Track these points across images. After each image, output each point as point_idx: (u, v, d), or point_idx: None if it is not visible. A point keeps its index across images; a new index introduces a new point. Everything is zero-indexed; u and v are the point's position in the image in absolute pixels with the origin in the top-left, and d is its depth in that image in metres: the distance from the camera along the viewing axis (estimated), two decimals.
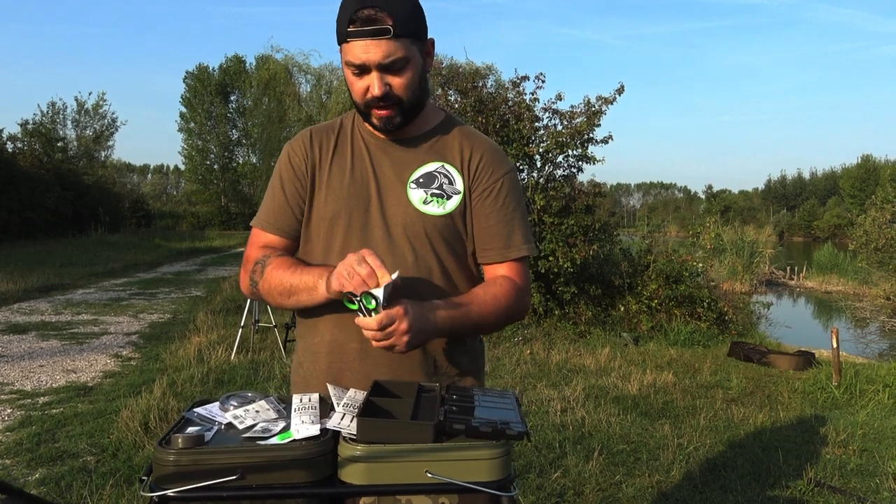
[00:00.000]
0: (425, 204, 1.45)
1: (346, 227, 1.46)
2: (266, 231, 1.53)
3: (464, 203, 1.48)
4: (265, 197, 1.56)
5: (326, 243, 1.48)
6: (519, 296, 1.50)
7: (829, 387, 6.20)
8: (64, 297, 11.13)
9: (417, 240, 1.44)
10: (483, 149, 1.52)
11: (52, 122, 32.98)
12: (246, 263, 1.52)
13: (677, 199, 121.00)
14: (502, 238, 1.50)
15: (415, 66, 1.38)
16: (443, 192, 1.47)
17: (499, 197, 1.50)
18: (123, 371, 6.07)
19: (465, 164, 1.50)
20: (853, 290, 21.68)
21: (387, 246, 1.43)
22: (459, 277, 1.50)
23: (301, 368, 1.54)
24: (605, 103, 9.12)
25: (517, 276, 1.51)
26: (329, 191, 1.48)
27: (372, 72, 1.35)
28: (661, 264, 10.18)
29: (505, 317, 1.48)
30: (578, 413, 5.04)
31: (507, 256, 1.50)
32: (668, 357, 8.00)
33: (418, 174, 1.48)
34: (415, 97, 1.41)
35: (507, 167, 1.53)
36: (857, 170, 76.39)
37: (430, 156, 1.50)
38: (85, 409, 4.82)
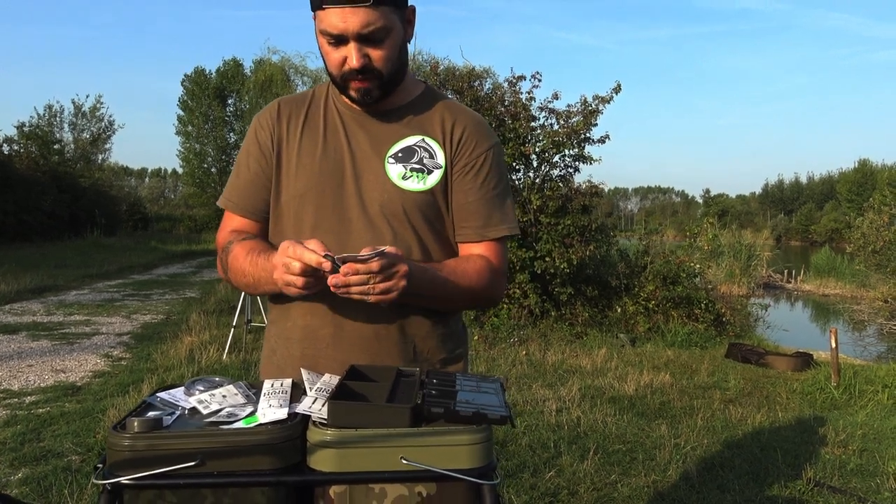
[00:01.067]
0: (404, 179, 1.36)
1: (318, 205, 1.37)
2: (232, 212, 1.45)
3: (445, 178, 1.39)
4: (231, 174, 1.47)
5: (297, 223, 1.38)
6: (493, 277, 1.41)
7: (828, 387, 6.12)
8: (57, 298, 11.03)
9: (395, 218, 1.35)
10: (466, 121, 1.43)
11: (49, 124, 32.90)
12: (218, 250, 1.45)
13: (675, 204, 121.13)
14: (481, 216, 1.41)
15: (395, 37, 1.29)
16: (423, 166, 1.38)
17: (480, 172, 1.41)
18: (113, 371, 5.99)
19: (448, 138, 1.40)
20: (851, 293, 21.66)
21: (363, 225, 1.35)
22: (441, 257, 1.41)
23: (274, 356, 1.45)
24: (602, 102, 9.07)
25: (493, 257, 1.42)
26: (299, 166, 1.39)
27: (349, 42, 1.26)
28: (659, 265, 10.11)
29: (474, 295, 1.40)
30: (574, 413, 4.96)
31: (485, 236, 1.42)
32: (666, 358, 7.92)
33: (397, 148, 1.38)
34: (394, 69, 1.33)
35: (490, 141, 1.44)
36: (854, 174, 76.54)
37: (409, 129, 1.41)
38: (72, 408, 4.73)
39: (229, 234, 1.43)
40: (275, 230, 1.43)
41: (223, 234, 1.45)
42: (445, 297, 1.36)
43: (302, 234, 1.36)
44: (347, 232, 1.35)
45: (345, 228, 1.35)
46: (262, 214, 1.43)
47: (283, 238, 1.37)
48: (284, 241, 1.19)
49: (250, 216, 1.44)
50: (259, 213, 1.43)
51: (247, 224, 1.44)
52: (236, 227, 1.44)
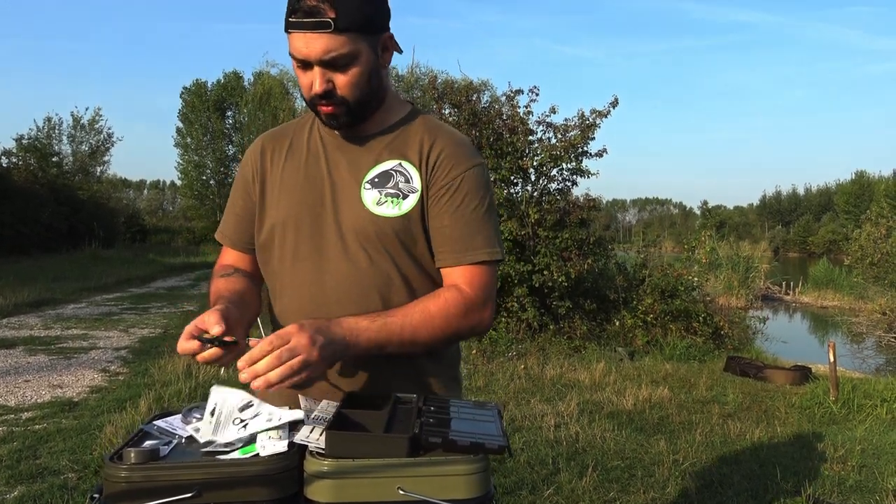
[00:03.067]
0: (378, 205, 1.34)
1: (296, 233, 1.37)
2: (226, 246, 1.51)
3: (421, 202, 1.35)
4: (225, 211, 1.52)
5: (280, 250, 1.40)
6: (465, 310, 1.32)
7: (827, 402, 6.11)
8: (55, 311, 11.02)
9: (371, 245, 1.33)
10: (445, 142, 1.38)
11: (48, 137, 32.95)
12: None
13: (673, 215, 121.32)
14: (458, 240, 1.35)
15: (363, 63, 1.27)
16: (398, 191, 1.35)
17: (457, 195, 1.35)
18: (110, 386, 5.97)
19: (424, 160, 1.36)
20: (849, 305, 21.65)
21: (339, 252, 1.34)
22: (422, 286, 1.36)
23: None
24: (600, 116, 9.10)
25: (470, 284, 1.34)
26: (282, 195, 1.40)
27: (314, 67, 1.25)
28: (657, 279, 10.11)
29: (443, 335, 1.31)
30: (572, 428, 4.95)
31: (461, 261, 1.35)
32: (664, 372, 7.91)
33: (373, 173, 1.37)
34: (362, 96, 1.30)
35: (469, 162, 1.38)
36: (852, 185, 76.80)
37: (387, 153, 1.38)
38: (69, 424, 4.71)
39: (221, 267, 1.49)
40: (262, 258, 1.45)
41: (216, 267, 1.51)
42: (408, 342, 1.28)
43: (284, 261, 1.39)
44: (325, 260, 1.35)
45: (322, 256, 1.35)
46: (250, 246, 1.47)
47: (270, 272, 1.42)
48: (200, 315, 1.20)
49: (240, 248, 1.49)
50: (247, 245, 1.48)
51: (238, 256, 1.49)
52: (229, 261, 1.49)
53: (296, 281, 1.36)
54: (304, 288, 1.34)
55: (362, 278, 1.33)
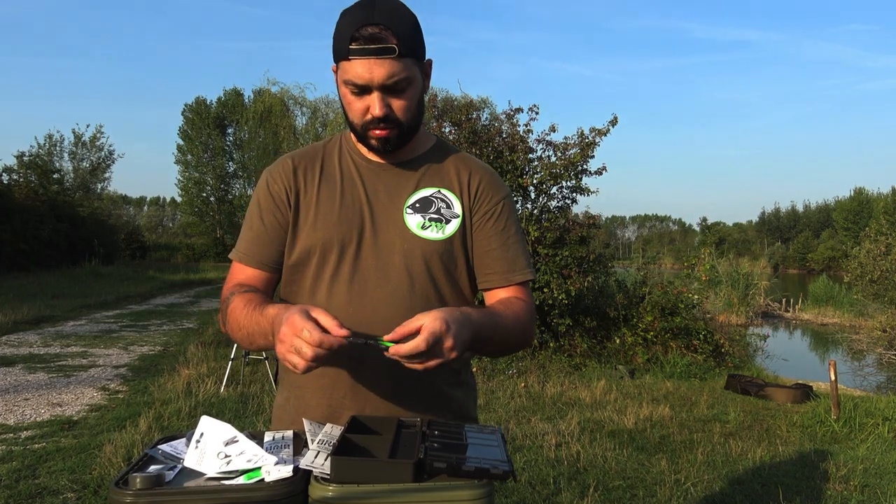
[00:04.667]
0: (423, 229, 1.39)
1: (339, 256, 1.37)
2: (245, 264, 1.44)
3: (463, 227, 1.43)
4: (243, 227, 1.47)
5: (316, 273, 1.39)
6: (532, 317, 1.44)
7: (829, 420, 6.09)
8: (54, 329, 11.00)
9: (415, 267, 1.37)
10: (481, 172, 1.48)
11: (49, 154, 33.09)
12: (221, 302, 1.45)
13: (672, 232, 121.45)
14: (506, 262, 1.45)
15: (416, 88, 1.33)
16: (441, 216, 1.41)
17: (500, 220, 1.45)
18: (110, 404, 5.95)
19: (465, 188, 1.45)
20: (849, 323, 21.63)
21: (382, 275, 1.36)
22: (454, 305, 1.40)
23: (287, 405, 1.44)
24: (599, 135, 9.15)
25: (527, 298, 1.46)
26: (318, 217, 1.40)
27: (373, 92, 1.29)
28: (657, 296, 10.11)
29: (522, 336, 1.41)
30: (573, 448, 4.93)
31: (512, 280, 1.45)
32: (665, 390, 7.89)
33: (414, 199, 1.42)
34: (414, 119, 1.36)
35: (505, 191, 1.49)
36: (851, 202, 77.05)
37: (425, 180, 1.44)
38: (68, 443, 4.70)
39: (233, 286, 1.42)
40: (290, 279, 1.43)
41: (227, 287, 1.44)
42: (501, 343, 1.37)
43: (320, 284, 1.38)
44: (365, 282, 1.36)
45: (363, 278, 1.36)
46: (274, 266, 1.43)
47: (301, 291, 1.41)
48: (294, 315, 1.12)
49: (262, 266, 1.43)
50: (271, 263, 1.43)
51: (256, 275, 1.43)
52: (243, 280, 1.43)
53: (333, 302, 1.36)
54: (341, 308, 1.34)
55: (403, 300, 1.35)
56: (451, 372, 1.44)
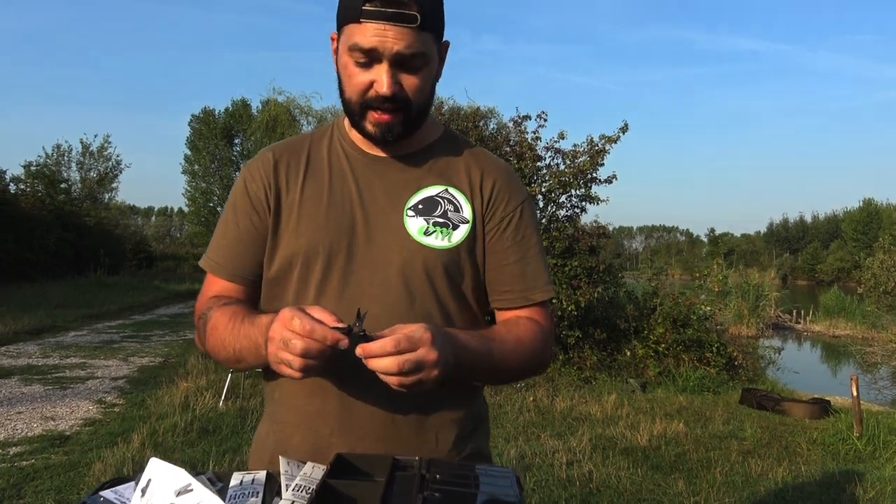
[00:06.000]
0: (426, 235, 1.18)
1: (326, 265, 1.17)
2: (217, 275, 1.25)
3: (472, 235, 1.21)
4: (216, 232, 1.27)
5: (299, 285, 1.18)
6: (545, 341, 1.23)
7: (851, 438, 5.84)
8: (55, 339, 10.83)
9: (415, 279, 1.16)
10: (497, 172, 1.26)
11: (57, 164, 33.13)
12: (195, 318, 1.25)
13: (679, 243, 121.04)
14: (524, 279, 1.24)
15: (431, 69, 1.13)
16: (448, 220, 1.20)
17: (518, 228, 1.24)
18: (105, 418, 5.76)
19: (477, 189, 1.24)
20: (862, 335, 21.31)
21: (376, 288, 1.16)
22: (461, 324, 1.21)
23: (267, 440, 1.23)
24: (609, 142, 8.95)
25: (542, 319, 1.25)
26: (301, 220, 1.19)
27: (383, 63, 1.07)
28: (668, 307, 9.87)
29: (526, 364, 1.21)
30: (585, 466, 4.71)
31: (531, 299, 1.24)
32: (678, 404, 7.65)
33: (417, 199, 1.20)
34: (424, 104, 1.16)
35: (524, 193, 1.28)
36: (860, 213, 76.56)
37: (431, 177, 1.23)
38: (58, 460, 4.50)
39: (209, 299, 1.22)
40: (270, 295, 1.23)
41: (202, 301, 1.24)
42: (493, 370, 1.17)
43: (304, 298, 1.18)
44: (357, 297, 1.15)
45: (354, 293, 1.16)
46: (252, 277, 1.24)
47: (282, 304, 1.17)
48: (285, 309, 0.97)
49: (238, 279, 1.23)
50: (249, 275, 1.23)
51: (232, 288, 1.24)
52: (219, 292, 1.24)
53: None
54: None
55: (401, 316, 1.13)
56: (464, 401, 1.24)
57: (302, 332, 0.93)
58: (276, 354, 0.96)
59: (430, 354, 0.96)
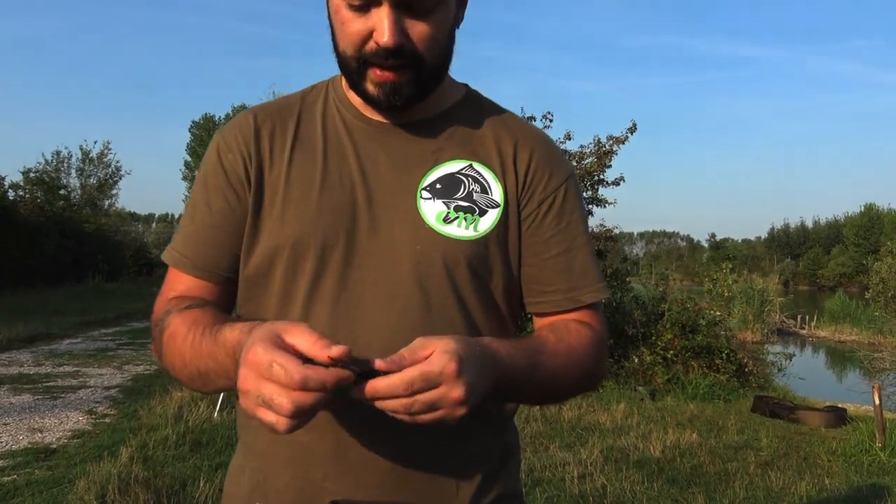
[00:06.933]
0: (447, 223, 0.94)
1: (318, 262, 0.92)
2: (181, 269, 0.99)
3: (504, 222, 0.97)
4: (183, 217, 1.02)
5: (284, 287, 0.94)
6: (600, 352, 0.99)
7: (874, 449, 5.60)
8: (49, 347, 10.60)
9: (433, 279, 0.92)
10: (534, 142, 1.01)
11: (56, 170, 32.99)
12: (152, 323, 0.99)
13: (680, 248, 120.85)
14: (570, 275, 0.99)
15: (446, 13, 0.90)
16: (473, 204, 0.95)
17: (562, 213, 0.99)
18: (94, 430, 5.52)
19: (510, 165, 0.98)
20: (868, 340, 21.11)
21: (384, 290, 0.91)
22: (489, 334, 0.95)
23: (243, 478, 0.98)
24: (617, 143, 8.75)
25: (595, 323, 1.01)
26: (288, 204, 0.94)
27: (383, 5, 0.84)
28: (676, 313, 9.66)
29: (580, 380, 0.97)
30: (598, 480, 4.48)
31: (579, 301, 0.99)
32: (689, 413, 7.42)
33: (434, 177, 0.96)
34: (439, 58, 0.91)
35: (568, 169, 1.03)
36: (861, 218, 76.45)
37: (451, 149, 0.98)
38: (41, 476, 4.26)
39: (169, 301, 0.98)
40: (248, 297, 0.98)
41: (161, 303, 1.00)
42: (541, 392, 0.93)
43: (290, 308, 0.93)
44: (358, 301, 0.92)
45: (355, 296, 0.92)
46: (226, 273, 0.98)
47: (265, 309, 0.94)
48: (255, 345, 0.72)
49: (207, 275, 0.98)
50: (221, 270, 0.98)
51: (200, 287, 0.98)
52: (182, 293, 0.99)
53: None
54: None
55: (414, 326, 0.90)
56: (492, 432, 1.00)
57: (290, 385, 0.69)
58: (254, 413, 0.72)
59: (453, 392, 0.74)
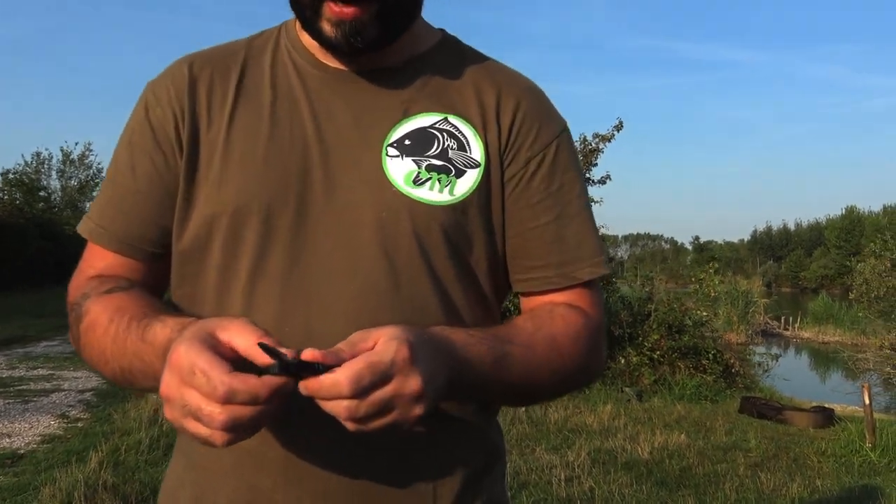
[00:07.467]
0: (417, 185, 0.79)
1: (263, 231, 0.78)
2: (100, 243, 0.84)
3: (486, 184, 0.82)
4: (103, 182, 0.87)
5: (224, 262, 0.79)
6: (593, 341, 0.83)
7: (864, 449, 5.54)
8: (24, 350, 10.35)
9: (401, 250, 0.78)
10: (520, 91, 0.87)
11: (36, 172, 32.59)
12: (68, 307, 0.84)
13: (664, 251, 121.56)
14: (562, 246, 0.84)
15: None
16: (448, 163, 0.81)
17: (553, 174, 0.84)
18: (65, 435, 5.34)
19: (492, 118, 0.84)
20: (851, 341, 21.28)
21: (343, 264, 0.77)
22: (470, 318, 0.83)
23: (181, 494, 0.83)
24: (603, 140, 8.68)
25: (590, 307, 0.85)
26: (228, 164, 0.80)
27: None
28: (663, 313, 9.59)
29: (565, 376, 0.81)
30: (586, 483, 4.37)
31: (573, 277, 0.85)
32: (677, 414, 7.35)
33: (402, 131, 0.81)
34: None
35: (559, 123, 0.88)
36: (842, 221, 77.19)
37: (422, 100, 0.83)
38: (6, 482, 4.08)
39: (87, 282, 0.82)
40: (182, 278, 0.83)
41: (78, 283, 0.84)
42: (513, 389, 0.79)
43: (231, 286, 0.79)
44: (311, 278, 0.77)
45: (307, 272, 0.77)
46: (152, 248, 0.84)
47: (199, 297, 0.80)
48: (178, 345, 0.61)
49: (130, 250, 0.83)
50: (147, 245, 0.83)
51: (122, 265, 0.83)
52: (102, 271, 0.83)
53: (255, 315, 0.75)
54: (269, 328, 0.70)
55: (379, 308, 0.76)
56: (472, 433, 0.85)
57: (213, 398, 0.57)
58: (181, 426, 0.60)
59: (407, 385, 0.62)
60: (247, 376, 0.57)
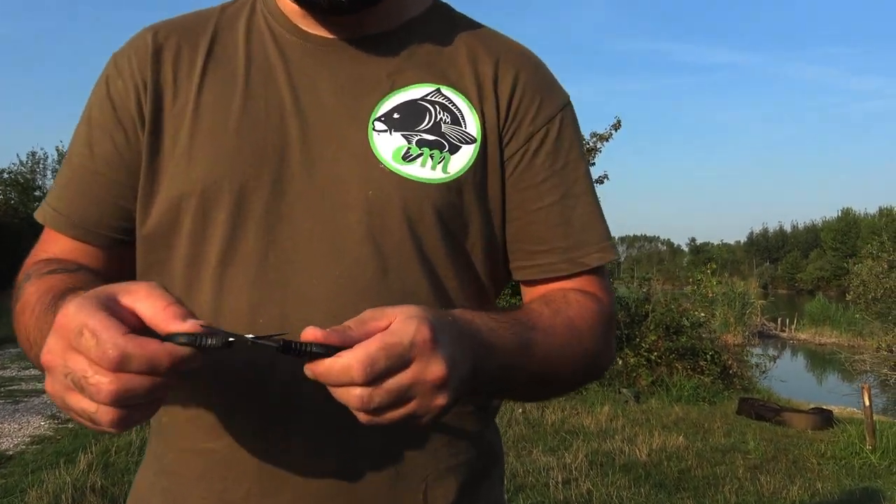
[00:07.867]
0: (407, 161, 0.72)
1: (235, 213, 0.71)
2: (56, 228, 0.77)
3: (483, 162, 0.75)
4: (63, 163, 0.80)
5: (192, 247, 0.72)
6: (607, 328, 0.77)
7: (864, 451, 5.48)
8: (16, 349, 10.25)
9: (390, 233, 0.71)
10: (520, 61, 0.79)
11: (31, 171, 32.46)
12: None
13: (661, 252, 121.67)
14: (568, 229, 0.77)
15: None
16: (441, 138, 0.74)
17: (557, 152, 0.77)
18: (56, 435, 5.27)
19: (489, 89, 0.76)
20: (848, 342, 21.29)
21: (325, 248, 0.70)
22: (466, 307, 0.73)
23: (150, 496, 0.77)
24: (600, 140, 8.62)
25: (601, 293, 0.78)
26: (196, 140, 0.73)
27: None
28: (660, 314, 9.54)
29: (583, 365, 0.75)
30: (583, 485, 4.31)
31: (581, 263, 0.78)
32: (674, 416, 7.29)
33: (391, 104, 0.74)
34: None
35: (562, 96, 0.81)
36: (838, 222, 77.39)
37: (412, 70, 0.76)
38: None
39: (34, 264, 0.75)
40: (148, 266, 0.76)
41: (26, 265, 0.76)
42: (535, 379, 0.72)
43: (200, 272, 0.71)
44: (289, 264, 0.70)
45: (284, 259, 0.70)
46: (112, 233, 0.76)
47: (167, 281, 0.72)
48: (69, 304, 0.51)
49: (88, 236, 0.76)
50: (105, 230, 0.76)
51: (79, 251, 0.76)
52: (56, 254, 0.76)
53: (226, 304, 0.70)
54: (244, 314, 0.69)
55: (363, 295, 0.69)
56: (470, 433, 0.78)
57: (100, 363, 0.48)
58: (63, 401, 0.51)
59: (430, 370, 0.54)
60: (146, 339, 0.49)
